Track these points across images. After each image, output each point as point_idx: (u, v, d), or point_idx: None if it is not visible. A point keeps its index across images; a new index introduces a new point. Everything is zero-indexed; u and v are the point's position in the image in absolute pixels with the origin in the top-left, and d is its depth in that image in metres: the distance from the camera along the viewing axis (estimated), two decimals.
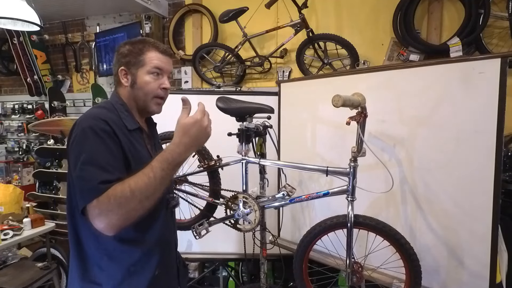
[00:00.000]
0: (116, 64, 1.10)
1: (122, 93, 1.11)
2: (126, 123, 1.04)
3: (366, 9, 2.56)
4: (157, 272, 1.07)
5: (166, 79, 1.11)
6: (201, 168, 1.74)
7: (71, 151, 0.94)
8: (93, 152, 0.91)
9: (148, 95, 1.08)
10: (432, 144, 1.58)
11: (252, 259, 2.24)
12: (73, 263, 1.05)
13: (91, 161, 0.89)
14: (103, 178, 0.87)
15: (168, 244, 1.17)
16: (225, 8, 2.61)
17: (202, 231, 1.68)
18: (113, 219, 0.84)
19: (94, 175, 0.87)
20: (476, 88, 1.44)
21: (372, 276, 1.68)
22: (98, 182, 0.86)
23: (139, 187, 0.85)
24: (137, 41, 1.10)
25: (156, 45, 1.09)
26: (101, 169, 0.89)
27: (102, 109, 1.04)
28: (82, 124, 0.94)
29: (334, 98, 1.17)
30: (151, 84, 1.07)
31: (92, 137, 0.92)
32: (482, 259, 1.45)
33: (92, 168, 0.89)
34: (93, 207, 0.85)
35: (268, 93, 2.49)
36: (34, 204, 3.08)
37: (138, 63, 1.07)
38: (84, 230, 0.99)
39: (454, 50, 2.11)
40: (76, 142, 0.93)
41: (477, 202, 1.46)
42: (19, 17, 1.97)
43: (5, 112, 3.99)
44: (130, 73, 1.07)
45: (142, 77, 1.07)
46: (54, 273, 2.44)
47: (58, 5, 3.20)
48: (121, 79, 1.09)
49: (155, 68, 1.07)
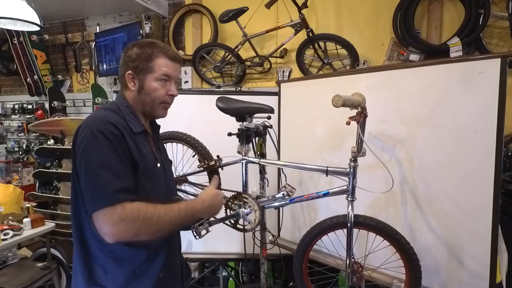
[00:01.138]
0: (123, 66, 1.08)
1: (128, 96, 1.09)
2: (132, 126, 1.03)
3: (366, 9, 2.56)
4: (161, 274, 1.07)
5: (174, 85, 1.10)
6: (201, 168, 1.74)
7: (80, 153, 0.93)
8: (106, 158, 0.91)
9: (155, 102, 1.08)
10: (432, 144, 1.58)
11: (252, 259, 2.24)
12: (77, 265, 1.04)
13: (105, 167, 0.90)
14: (120, 186, 0.89)
15: (173, 246, 1.18)
16: (225, 8, 2.61)
17: (202, 231, 1.67)
18: (130, 230, 0.89)
19: (110, 182, 0.89)
20: (476, 88, 1.44)
21: (372, 276, 1.68)
22: (116, 190, 0.88)
23: (165, 217, 0.94)
24: (146, 45, 1.07)
25: (165, 51, 1.07)
26: (116, 176, 0.90)
27: (108, 111, 1.04)
28: (91, 126, 0.93)
29: (334, 98, 1.17)
30: (159, 91, 1.07)
31: (103, 141, 0.92)
32: (482, 259, 1.45)
33: (107, 174, 0.89)
34: (107, 214, 0.87)
35: (268, 93, 2.49)
36: (34, 204, 3.07)
37: (147, 69, 1.05)
38: (90, 233, 0.99)
39: (454, 50, 2.10)
40: (86, 144, 0.92)
41: (477, 202, 1.46)
42: (19, 17, 1.97)
43: (5, 112, 3.98)
44: (137, 78, 1.06)
45: (150, 84, 1.05)
46: (54, 273, 2.45)
47: (58, 5, 3.20)
48: (127, 83, 1.07)
49: (163, 75, 1.06)
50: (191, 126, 2.11)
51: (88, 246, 1.00)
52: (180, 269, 1.22)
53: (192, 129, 1.86)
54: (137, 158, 0.99)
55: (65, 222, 2.95)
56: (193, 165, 1.78)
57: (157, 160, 1.11)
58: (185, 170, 1.90)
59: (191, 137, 1.80)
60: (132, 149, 0.98)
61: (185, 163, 1.88)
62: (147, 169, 1.03)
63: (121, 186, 0.89)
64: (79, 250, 1.02)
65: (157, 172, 1.09)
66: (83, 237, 1.01)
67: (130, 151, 0.97)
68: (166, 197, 1.14)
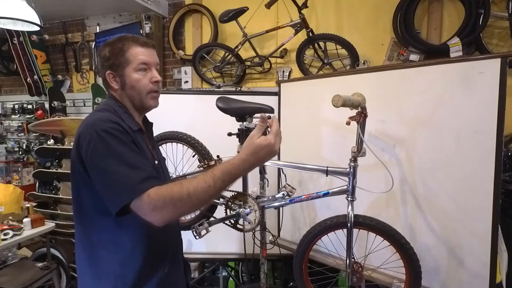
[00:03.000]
0: (101, 69, 1.07)
1: (115, 95, 1.09)
2: (130, 125, 1.03)
3: (366, 9, 2.56)
4: (166, 270, 1.09)
5: (155, 71, 1.08)
6: (201, 168, 1.74)
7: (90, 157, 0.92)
8: (119, 154, 0.91)
9: (142, 93, 1.06)
10: (432, 144, 1.58)
11: (252, 259, 2.24)
12: (84, 270, 1.04)
13: (121, 163, 0.90)
14: (142, 177, 0.88)
15: (177, 243, 1.20)
16: (225, 8, 2.61)
17: (202, 231, 1.68)
18: (165, 215, 0.86)
19: (131, 175, 0.88)
20: (476, 88, 1.44)
21: (372, 276, 1.68)
22: (138, 181, 0.87)
23: (197, 193, 0.86)
24: (115, 40, 1.06)
25: (135, 39, 1.05)
26: (135, 168, 0.90)
27: (105, 111, 1.03)
28: (94, 128, 0.93)
29: (334, 98, 1.17)
30: (142, 81, 1.05)
31: (111, 140, 0.91)
32: (482, 259, 1.45)
33: (125, 169, 0.89)
34: (144, 203, 0.86)
35: (268, 93, 2.49)
36: (34, 204, 3.07)
37: (123, 63, 1.03)
38: (97, 237, 0.99)
39: (454, 50, 2.10)
40: (95, 146, 0.91)
41: (477, 202, 1.46)
42: (19, 17, 1.97)
43: (5, 112, 3.98)
44: (117, 75, 1.05)
45: (130, 76, 1.04)
46: (54, 273, 2.45)
47: (58, 5, 3.19)
48: (110, 83, 1.06)
49: (141, 64, 1.04)
50: (191, 126, 2.10)
51: (96, 249, 1.01)
52: (183, 264, 1.24)
53: (192, 129, 1.86)
54: None
55: (65, 222, 2.95)
56: (193, 165, 1.78)
57: (154, 157, 1.12)
58: (185, 170, 1.90)
59: (191, 137, 1.80)
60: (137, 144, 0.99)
61: (185, 163, 1.88)
62: None
63: (141, 176, 0.89)
64: (87, 254, 1.02)
65: (156, 169, 1.09)
66: (92, 240, 1.01)
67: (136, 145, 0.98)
68: None
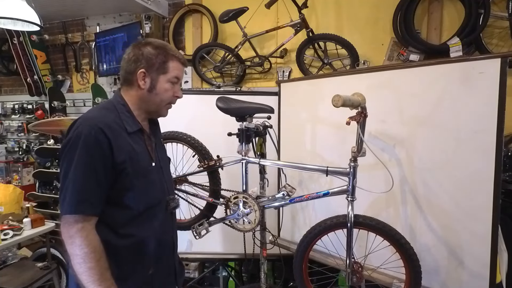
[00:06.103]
0: (133, 63, 1.06)
1: (130, 93, 1.09)
2: (127, 126, 1.04)
3: (366, 9, 2.56)
4: (151, 271, 1.09)
5: (179, 87, 1.15)
6: (201, 168, 1.74)
7: (63, 154, 0.97)
8: (82, 165, 0.94)
9: (163, 102, 1.12)
10: (432, 144, 1.58)
11: (252, 259, 2.24)
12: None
13: (78, 183, 0.94)
14: (85, 198, 0.94)
15: (167, 244, 1.18)
16: (225, 8, 2.61)
17: (202, 231, 1.68)
18: (69, 244, 0.94)
19: (79, 191, 0.94)
20: (476, 88, 1.44)
21: (372, 276, 1.68)
22: (81, 199, 0.94)
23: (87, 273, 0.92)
24: (160, 46, 1.09)
25: (177, 54, 1.12)
26: (85, 201, 0.94)
27: (102, 110, 1.04)
28: (79, 128, 0.96)
29: (334, 98, 1.17)
30: (168, 92, 1.11)
31: (84, 152, 0.94)
32: (482, 259, 1.45)
33: (79, 181, 0.94)
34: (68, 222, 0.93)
35: (268, 93, 2.49)
36: (34, 204, 3.07)
37: (161, 70, 1.07)
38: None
39: (454, 50, 2.10)
40: (70, 148, 0.95)
41: (477, 202, 1.46)
42: (19, 17, 1.98)
43: (5, 112, 3.98)
44: (150, 77, 1.07)
45: (162, 84, 1.08)
46: (54, 273, 2.45)
47: (58, 5, 3.19)
48: (138, 81, 1.07)
49: (175, 77, 1.10)
50: (191, 126, 2.10)
51: None
52: (174, 266, 1.24)
53: (192, 129, 1.87)
54: (128, 157, 1.00)
55: None
56: (193, 165, 1.78)
57: (152, 159, 1.12)
58: (185, 170, 1.90)
59: (191, 137, 1.80)
60: (120, 151, 0.99)
61: (185, 163, 1.88)
62: (140, 169, 1.04)
63: (86, 197, 0.94)
64: None
65: (150, 171, 1.09)
66: None
67: (114, 157, 0.97)
68: (160, 196, 1.15)
